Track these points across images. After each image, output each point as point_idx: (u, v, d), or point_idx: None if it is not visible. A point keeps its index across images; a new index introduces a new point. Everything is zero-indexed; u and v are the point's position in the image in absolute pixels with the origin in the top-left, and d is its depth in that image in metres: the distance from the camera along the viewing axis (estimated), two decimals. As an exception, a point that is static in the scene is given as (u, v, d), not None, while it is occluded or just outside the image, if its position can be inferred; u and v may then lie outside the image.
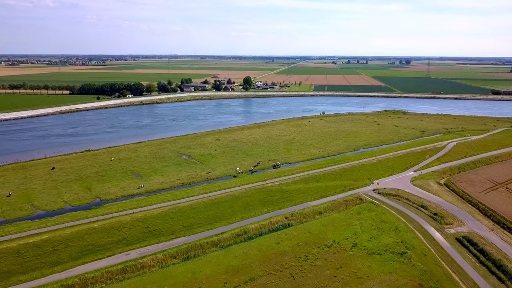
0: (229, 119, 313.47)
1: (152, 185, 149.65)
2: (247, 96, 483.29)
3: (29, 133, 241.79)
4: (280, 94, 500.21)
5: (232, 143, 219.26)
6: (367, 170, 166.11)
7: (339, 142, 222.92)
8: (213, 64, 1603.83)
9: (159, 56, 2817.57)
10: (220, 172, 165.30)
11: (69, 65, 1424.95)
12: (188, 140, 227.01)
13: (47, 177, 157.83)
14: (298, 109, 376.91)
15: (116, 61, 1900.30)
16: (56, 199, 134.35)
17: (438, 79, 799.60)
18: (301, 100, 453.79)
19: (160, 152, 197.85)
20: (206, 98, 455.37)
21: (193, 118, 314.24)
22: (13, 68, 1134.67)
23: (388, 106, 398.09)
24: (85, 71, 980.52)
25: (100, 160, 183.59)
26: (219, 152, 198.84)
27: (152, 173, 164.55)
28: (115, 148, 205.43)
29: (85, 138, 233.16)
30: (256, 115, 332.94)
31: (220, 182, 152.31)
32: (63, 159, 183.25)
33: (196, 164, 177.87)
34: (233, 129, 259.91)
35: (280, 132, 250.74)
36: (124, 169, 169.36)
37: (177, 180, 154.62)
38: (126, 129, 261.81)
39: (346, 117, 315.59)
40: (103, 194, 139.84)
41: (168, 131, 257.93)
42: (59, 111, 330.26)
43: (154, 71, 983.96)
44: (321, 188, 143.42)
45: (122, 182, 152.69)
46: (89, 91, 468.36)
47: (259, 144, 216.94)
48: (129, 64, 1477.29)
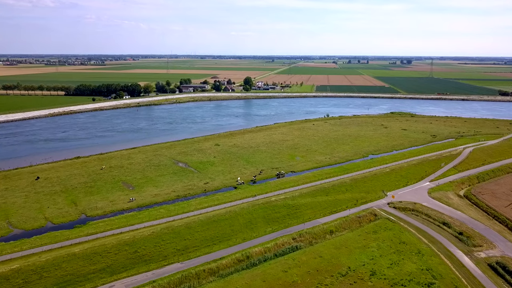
0: (229, 122, 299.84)
1: (145, 198, 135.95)
2: (248, 97, 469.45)
3: (16, 138, 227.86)
4: (281, 95, 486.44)
5: (232, 148, 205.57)
6: (380, 180, 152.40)
7: (346, 148, 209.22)
8: (213, 64, 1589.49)
9: (159, 56, 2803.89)
10: (219, 183, 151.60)
11: (68, 65, 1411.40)
12: (185, 145, 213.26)
13: (30, 189, 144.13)
14: (300, 111, 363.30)
15: (116, 61, 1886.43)
16: (36, 215, 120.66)
17: (442, 79, 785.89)
18: (302, 102, 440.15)
19: (155, 159, 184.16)
20: (205, 99, 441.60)
21: (191, 121, 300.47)
22: (10, 68, 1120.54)
23: (393, 108, 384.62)
24: (82, 71, 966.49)
25: (90, 168, 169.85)
26: (219, 159, 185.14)
27: (146, 183, 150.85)
28: (107, 154, 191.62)
29: (76, 143, 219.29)
30: (257, 118, 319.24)
31: (219, 194, 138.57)
32: (50, 168, 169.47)
33: (193, 173, 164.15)
34: (233, 133, 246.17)
35: (283, 136, 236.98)
36: (115, 179, 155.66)
37: (172, 192, 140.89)
38: (120, 133, 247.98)
39: (351, 119, 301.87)
40: (90, 209, 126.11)
41: (164, 135, 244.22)
42: (52, 114, 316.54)
43: (153, 71, 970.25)
44: (331, 202, 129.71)
45: (112, 194, 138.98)
46: (85, 92, 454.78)
47: (261, 150, 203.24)
48: (128, 64, 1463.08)
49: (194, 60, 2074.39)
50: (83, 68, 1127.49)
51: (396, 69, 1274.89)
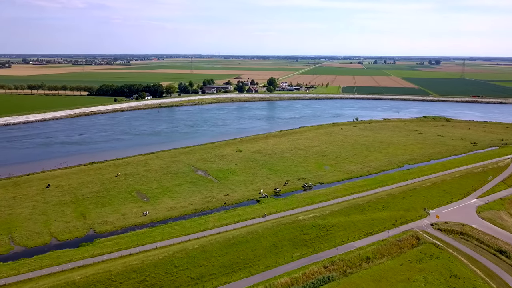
0: (251, 125, 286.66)
1: (159, 211, 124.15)
2: (271, 99, 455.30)
3: (32, 140, 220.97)
4: (306, 97, 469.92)
5: (255, 155, 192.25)
6: (420, 196, 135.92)
7: (379, 156, 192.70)
8: (237, 64, 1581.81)
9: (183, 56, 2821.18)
10: (240, 195, 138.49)
11: (94, 64, 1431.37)
12: (205, 150, 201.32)
13: (39, 198, 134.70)
14: (326, 113, 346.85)
15: (141, 60, 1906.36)
16: (41, 230, 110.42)
17: (474, 81, 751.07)
18: (328, 103, 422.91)
19: (173, 166, 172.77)
20: (228, 100, 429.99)
21: (212, 123, 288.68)
22: (39, 68, 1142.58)
23: (424, 111, 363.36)
24: (107, 71, 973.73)
25: (104, 175, 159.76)
26: (240, 167, 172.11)
27: (161, 194, 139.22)
28: (123, 160, 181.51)
29: (92, 146, 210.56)
30: (280, 121, 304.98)
31: (241, 209, 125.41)
32: (62, 174, 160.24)
33: (212, 182, 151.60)
34: (256, 138, 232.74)
35: (309, 142, 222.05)
36: (129, 188, 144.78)
37: (189, 206, 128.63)
38: (138, 136, 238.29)
39: (382, 124, 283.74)
40: (99, 223, 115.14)
41: (184, 138, 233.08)
42: (72, 114, 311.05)
43: (177, 71, 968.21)
44: (366, 222, 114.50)
45: (124, 206, 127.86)
46: (107, 92, 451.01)
47: (285, 157, 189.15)
48: (153, 64, 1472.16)
49: (217, 60, 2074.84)
50: (108, 68, 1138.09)
51: (424, 69, 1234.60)
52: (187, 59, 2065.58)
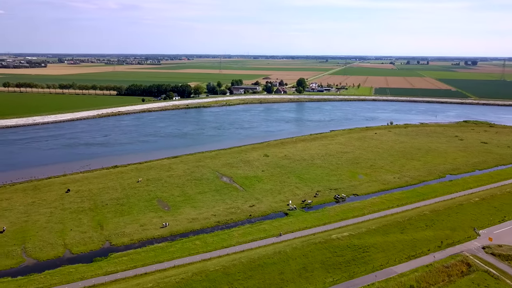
0: (279, 127, 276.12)
1: (180, 222, 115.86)
2: (300, 100, 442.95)
3: (57, 141, 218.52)
4: (337, 98, 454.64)
5: (283, 161, 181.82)
6: (468, 213, 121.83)
7: (417, 164, 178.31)
8: (265, 64, 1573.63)
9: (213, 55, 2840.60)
10: (267, 206, 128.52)
11: (126, 64, 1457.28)
12: (231, 155, 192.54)
13: (57, 204, 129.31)
14: (358, 116, 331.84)
15: (171, 60, 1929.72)
16: (56, 241, 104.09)
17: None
18: (359, 105, 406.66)
19: (197, 172, 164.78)
20: (255, 101, 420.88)
21: (239, 126, 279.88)
22: (72, 67, 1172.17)
23: (462, 115, 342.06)
24: (137, 71, 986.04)
25: (126, 180, 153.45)
26: (267, 174, 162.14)
27: (183, 202, 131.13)
28: (146, 164, 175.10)
29: (116, 149, 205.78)
30: (310, 124, 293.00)
31: (267, 223, 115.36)
32: (83, 178, 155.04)
33: (237, 191, 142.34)
34: (284, 142, 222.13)
35: (341, 147, 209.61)
36: (151, 195, 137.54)
37: (212, 217, 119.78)
38: (163, 139, 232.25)
39: (418, 128, 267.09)
40: (116, 235, 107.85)
41: (210, 141, 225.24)
42: (99, 115, 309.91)
43: (206, 71, 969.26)
44: (408, 243, 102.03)
45: (144, 215, 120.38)
46: (135, 92, 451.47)
47: (316, 164, 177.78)
48: (182, 64, 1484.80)
49: (246, 60, 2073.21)
50: (139, 68, 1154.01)
51: (460, 70, 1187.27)
52: (216, 59, 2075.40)
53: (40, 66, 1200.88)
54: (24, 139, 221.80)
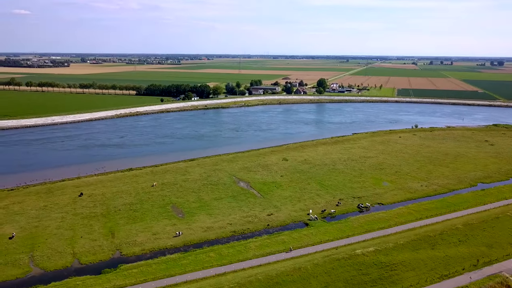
0: (299, 129, 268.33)
1: (194, 231, 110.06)
2: (321, 101, 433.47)
3: (73, 142, 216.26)
4: (359, 99, 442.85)
5: (303, 165, 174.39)
6: (505, 227, 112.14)
7: (445, 171, 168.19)
8: (285, 64, 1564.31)
9: (232, 55, 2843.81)
10: (286, 215, 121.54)
11: (146, 64, 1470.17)
12: (249, 158, 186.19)
13: (69, 208, 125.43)
14: (380, 118, 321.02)
15: (191, 60, 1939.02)
16: (65, 249, 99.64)
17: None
18: (381, 107, 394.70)
19: (213, 176, 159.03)
20: (275, 102, 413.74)
21: (257, 127, 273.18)
22: (94, 67, 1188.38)
23: (491, 118, 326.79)
24: (157, 70, 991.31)
25: (140, 184, 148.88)
26: (286, 179, 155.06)
27: (198, 209, 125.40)
28: (161, 167, 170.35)
29: (131, 150, 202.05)
30: (331, 126, 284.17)
31: (286, 234, 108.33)
32: (97, 181, 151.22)
33: (255, 197, 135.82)
34: (304, 145, 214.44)
35: (363, 151, 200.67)
36: (165, 201, 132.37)
37: (227, 226, 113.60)
38: (180, 140, 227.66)
39: (445, 132, 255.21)
40: (127, 244, 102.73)
41: (227, 144, 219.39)
42: (118, 115, 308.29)
43: (225, 71, 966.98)
44: (440, 261, 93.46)
45: (157, 223, 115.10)
46: (154, 92, 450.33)
47: (337, 169, 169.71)
48: (202, 64, 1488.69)
49: (266, 60, 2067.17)
50: (159, 67, 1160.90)
51: (486, 71, 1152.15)
52: (236, 59, 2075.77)
53: (63, 65, 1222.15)
54: (40, 140, 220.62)
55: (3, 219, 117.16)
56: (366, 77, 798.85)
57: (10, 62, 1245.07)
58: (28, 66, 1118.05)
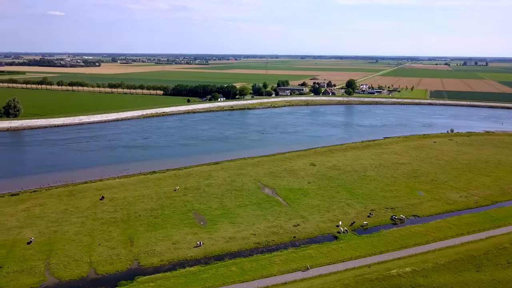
0: (327, 132, 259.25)
1: (216, 242, 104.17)
2: (350, 102, 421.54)
3: (97, 142, 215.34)
4: (390, 101, 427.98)
5: (331, 171, 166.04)
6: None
7: (486, 181, 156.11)
8: (313, 64, 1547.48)
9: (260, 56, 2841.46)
10: (314, 226, 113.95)
11: (175, 64, 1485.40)
12: (274, 162, 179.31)
13: (89, 213, 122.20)
14: (413, 122, 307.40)
15: (219, 60, 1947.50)
16: (81, 257, 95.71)
17: None
18: (413, 110, 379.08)
19: (237, 181, 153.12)
20: (302, 103, 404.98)
21: (283, 130, 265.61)
22: (124, 66, 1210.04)
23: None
24: (185, 70, 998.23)
25: (162, 188, 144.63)
26: (314, 186, 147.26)
27: (221, 217, 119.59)
28: (185, 170, 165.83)
29: (155, 152, 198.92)
30: (360, 129, 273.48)
31: (313, 247, 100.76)
32: (119, 184, 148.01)
33: (281, 206, 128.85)
34: (333, 150, 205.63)
35: (396, 157, 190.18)
36: (187, 207, 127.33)
37: (251, 237, 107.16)
38: (204, 142, 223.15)
39: (484, 138, 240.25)
40: (146, 253, 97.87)
41: (252, 147, 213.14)
42: (144, 115, 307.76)
43: (252, 72, 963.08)
44: (487, 286, 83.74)
45: (178, 231, 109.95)
46: (181, 92, 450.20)
47: (368, 176, 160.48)
48: (230, 64, 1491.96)
49: (293, 60, 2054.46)
50: (187, 68, 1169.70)
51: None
52: (263, 59, 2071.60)
53: (94, 65, 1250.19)
54: (66, 140, 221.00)
55: (23, 223, 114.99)
56: (396, 78, 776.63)
57: (44, 61, 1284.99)
58: (61, 66, 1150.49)
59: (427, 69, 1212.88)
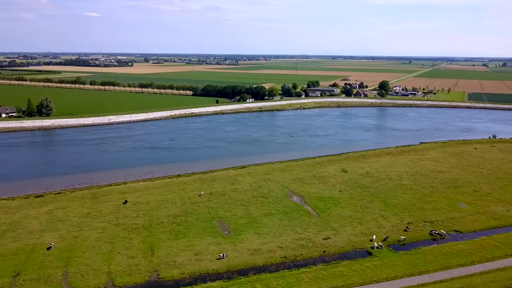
0: (359, 136, 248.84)
1: (240, 254, 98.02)
2: (383, 105, 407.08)
3: (124, 143, 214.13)
4: (425, 104, 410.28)
5: (364, 179, 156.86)
6: None
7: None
8: (344, 64, 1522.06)
9: (290, 56, 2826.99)
10: (345, 240, 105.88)
11: (205, 64, 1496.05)
12: (303, 168, 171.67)
13: (112, 218, 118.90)
14: (450, 126, 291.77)
15: (249, 60, 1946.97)
16: (100, 266, 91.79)
17: None
18: (449, 113, 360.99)
19: (264, 187, 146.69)
20: (333, 105, 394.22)
21: (313, 132, 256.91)
22: (156, 66, 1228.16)
23: None
24: (215, 71, 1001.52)
25: (187, 193, 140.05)
26: (345, 195, 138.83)
27: (246, 226, 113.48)
28: (210, 174, 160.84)
29: (181, 154, 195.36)
30: (394, 133, 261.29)
31: (345, 265, 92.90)
32: (143, 188, 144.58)
33: (310, 216, 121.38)
34: (365, 155, 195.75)
35: (434, 164, 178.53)
36: (211, 214, 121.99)
37: (277, 249, 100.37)
38: (230, 144, 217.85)
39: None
40: (166, 264, 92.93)
41: (280, 150, 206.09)
42: (173, 115, 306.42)
43: (282, 72, 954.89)
44: (545, 319, 73.74)
45: (200, 241, 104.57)
46: (210, 93, 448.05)
47: (404, 185, 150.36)
48: (260, 64, 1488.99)
49: (324, 61, 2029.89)
50: (217, 68, 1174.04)
51: None
52: (293, 59, 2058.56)
53: (127, 65, 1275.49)
54: (93, 140, 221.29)
55: (46, 226, 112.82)
56: (431, 80, 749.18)
57: (80, 61, 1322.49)
58: (96, 66, 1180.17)
59: (464, 70, 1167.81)
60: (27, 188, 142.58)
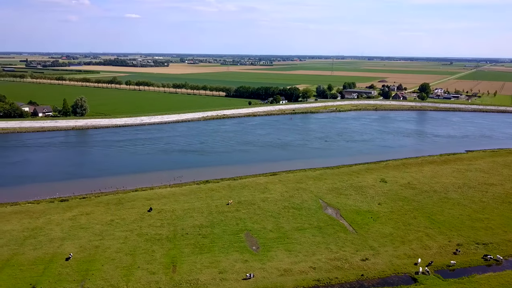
0: (398, 142, 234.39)
1: (268, 274, 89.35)
2: (424, 108, 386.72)
3: (153, 145, 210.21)
4: (469, 108, 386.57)
5: (406, 191, 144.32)
6: None
7: None
8: (381, 66, 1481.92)
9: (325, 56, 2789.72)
10: (386, 262, 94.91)
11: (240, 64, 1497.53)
12: (339, 177, 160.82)
13: (135, 226, 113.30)
14: (498, 133, 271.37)
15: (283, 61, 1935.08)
16: (118, 283, 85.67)
17: None
18: (496, 118, 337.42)
19: (296, 196, 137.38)
20: (370, 108, 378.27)
21: (348, 137, 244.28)
22: (191, 67, 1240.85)
23: None
24: (249, 71, 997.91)
25: (214, 201, 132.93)
26: (385, 209, 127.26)
27: (276, 242, 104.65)
28: (239, 181, 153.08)
29: (211, 158, 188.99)
30: (437, 140, 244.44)
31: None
32: (170, 194, 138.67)
33: (346, 232, 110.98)
34: (406, 163, 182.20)
35: (484, 176, 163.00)
36: (239, 226, 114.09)
37: (310, 270, 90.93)
38: (261, 149, 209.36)
39: None
40: (188, 283, 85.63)
41: (314, 156, 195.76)
42: (205, 117, 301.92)
43: (316, 73, 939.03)
44: None
45: (226, 257, 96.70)
46: (243, 94, 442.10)
47: (451, 198, 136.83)
48: (294, 65, 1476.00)
49: (360, 62, 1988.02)
50: (251, 68, 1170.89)
51: None
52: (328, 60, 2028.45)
53: (163, 65, 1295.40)
54: (122, 141, 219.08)
55: (67, 234, 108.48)
56: (475, 82, 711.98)
57: (118, 61, 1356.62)
58: (133, 66, 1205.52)
59: (510, 72, 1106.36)
60: (53, 191, 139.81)
